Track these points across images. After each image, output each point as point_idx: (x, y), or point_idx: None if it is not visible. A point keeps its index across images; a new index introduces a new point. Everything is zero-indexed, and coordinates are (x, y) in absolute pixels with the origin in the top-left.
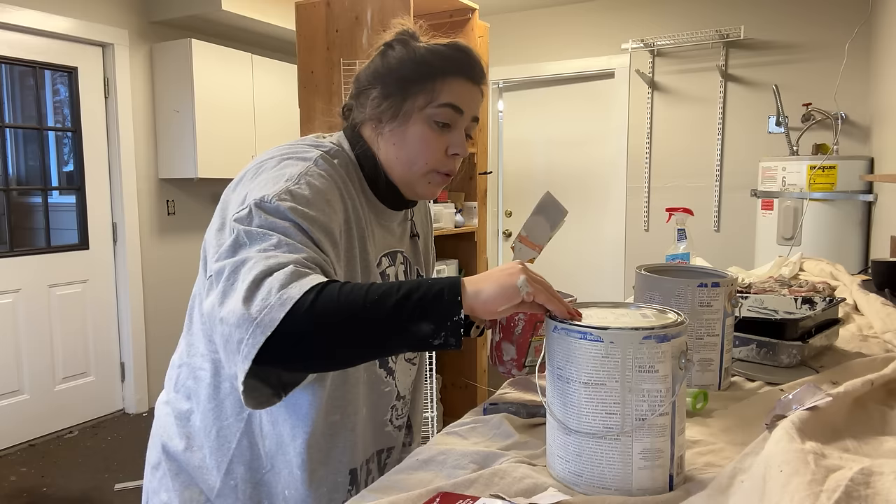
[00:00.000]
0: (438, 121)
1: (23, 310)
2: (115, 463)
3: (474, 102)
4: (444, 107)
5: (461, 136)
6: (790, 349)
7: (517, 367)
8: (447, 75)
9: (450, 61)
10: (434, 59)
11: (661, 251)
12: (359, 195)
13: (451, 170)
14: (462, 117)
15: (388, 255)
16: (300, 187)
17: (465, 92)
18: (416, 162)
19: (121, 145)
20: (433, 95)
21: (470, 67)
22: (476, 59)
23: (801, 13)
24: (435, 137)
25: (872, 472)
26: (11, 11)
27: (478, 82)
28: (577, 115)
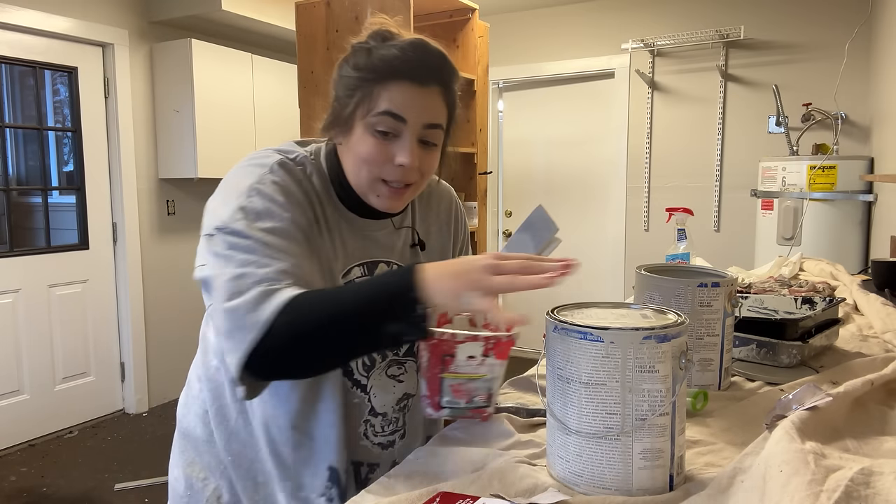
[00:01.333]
0: (379, 129)
1: (23, 310)
2: (115, 463)
3: (423, 108)
4: (382, 115)
5: (407, 144)
6: (790, 349)
7: (432, 407)
8: (388, 80)
9: (391, 65)
10: (377, 63)
11: (661, 251)
12: (325, 203)
13: (399, 180)
14: (406, 125)
15: (365, 265)
16: (251, 201)
17: (408, 97)
18: (360, 172)
19: (121, 145)
20: (372, 103)
21: (415, 69)
22: (426, 59)
23: (801, 13)
24: (377, 146)
25: (872, 472)
26: (11, 11)
27: (427, 84)
28: (577, 115)
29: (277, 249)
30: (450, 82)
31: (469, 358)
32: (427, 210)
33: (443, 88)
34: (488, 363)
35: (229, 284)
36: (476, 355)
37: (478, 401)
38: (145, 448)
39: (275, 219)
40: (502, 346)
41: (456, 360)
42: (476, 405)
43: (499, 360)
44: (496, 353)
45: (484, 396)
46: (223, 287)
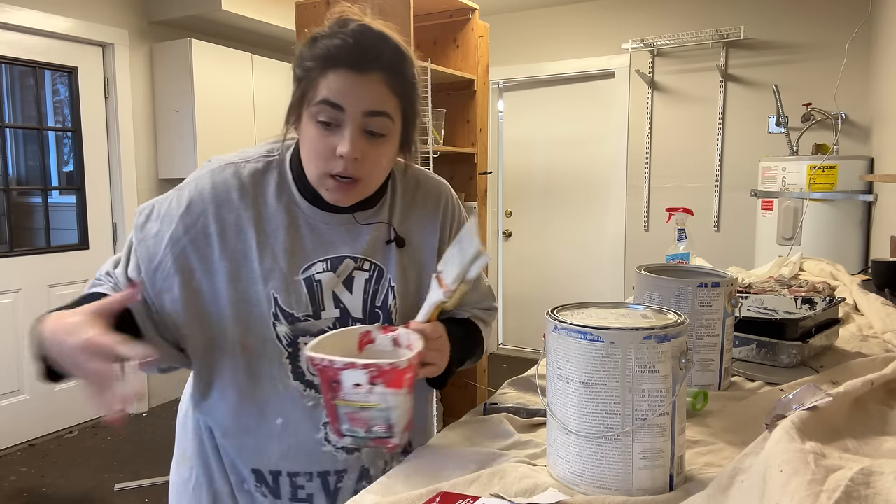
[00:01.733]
0: (320, 119)
1: (23, 310)
2: (115, 463)
3: (361, 95)
4: (321, 104)
5: (348, 134)
6: (790, 349)
7: (335, 433)
8: (326, 69)
9: (329, 52)
10: (318, 52)
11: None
12: (276, 202)
13: (342, 172)
14: (345, 114)
15: (328, 261)
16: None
17: (346, 85)
18: (309, 164)
19: (121, 145)
20: (313, 92)
21: (352, 55)
22: (364, 44)
23: (801, 13)
24: (320, 137)
25: (872, 472)
26: (11, 11)
27: (365, 70)
28: (577, 115)
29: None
30: (396, 67)
31: (356, 385)
32: (411, 205)
33: (386, 74)
34: (378, 392)
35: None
36: (362, 383)
37: (377, 431)
38: (145, 448)
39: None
40: (391, 375)
41: (343, 388)
42: (376, 435)
43: (390, 390)
44: (384, 381)
45: (382, 427)
46: None
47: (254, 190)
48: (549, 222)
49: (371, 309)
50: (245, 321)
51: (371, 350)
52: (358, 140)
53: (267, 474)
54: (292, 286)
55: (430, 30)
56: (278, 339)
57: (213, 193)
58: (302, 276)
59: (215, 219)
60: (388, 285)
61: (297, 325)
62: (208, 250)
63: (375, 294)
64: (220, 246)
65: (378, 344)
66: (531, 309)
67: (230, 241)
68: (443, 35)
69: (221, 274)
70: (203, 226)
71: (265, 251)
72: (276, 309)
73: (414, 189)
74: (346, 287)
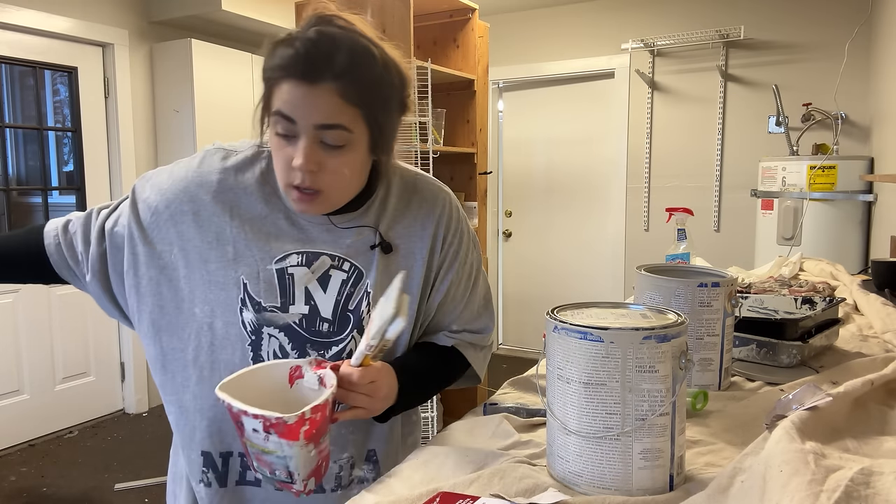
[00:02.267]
0: (277, 131)
1: (23, 310)
2: (115, 463)
3: (311, 107)
4: (275, 115)
5: (301, 146)
6: (790, 349)
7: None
8: (280, 79)
9: (282, 62)
10: (274, 59)
11: (661, 251)
12: (256, 193)
13: (300, 184)
14: (297, 126)
15: (303, 254)
16: (162, 170)
17: (296, 97)
18: (277, 175)
19: (121, 145)
20: (270, 103)
21: (301, 66)
22: (314, 54)
23: (801, 13)
24: (280, 147)
25: (872, 472)
26: (11, 11)
27: (315, 81)
28: (577, 115)
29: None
30: (350, 75)
31: (254, 430)
32: (404, 211)
33: (338, 84)
34: (272, 440)
35: None
36: (258, 430)
37: (279, 475)
38: (145, 448)
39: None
40: (282, 427)
41: (245, 430)
42: (279, 479)
43: (285, 441)
44: (277, 432)
45: (283, 472)
46: None
47: (236, 176)
48: (550, 222)
49: (342, 311)
50: (213, 302)
51: (299, 386)
52: (312, 152)
53: (217, 457)
54: (263, 274)
55: (430, 30)
56: (243, 324)
57: (197, 173)
58: (275, 265)
59: (194, 198)
60: (365, 290)
61: (263, 314)
62: (184, 227)
63: (350, 297)
64: (195, 225)
65: (306, 381)
66: (531, 309)
67: (204, 222)
68: (443, 35)
69: (194, 253)
70: (181, 202)
71: (239, 236)
72: (244, 294)
73: (410, 194)
74: (321, 285)
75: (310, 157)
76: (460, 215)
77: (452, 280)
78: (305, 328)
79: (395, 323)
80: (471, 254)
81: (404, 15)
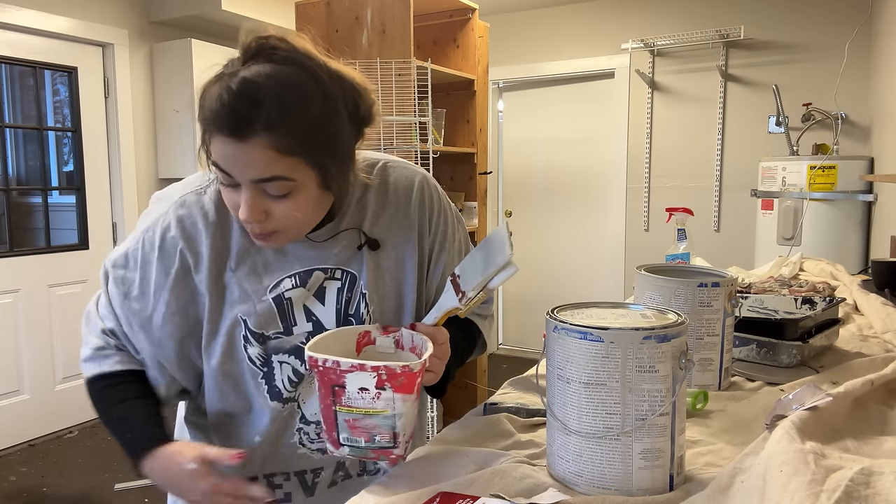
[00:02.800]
0: (221, 182)
1: (23, 310)
2: (115, 463)
3: (244, 163)
4: (215, 166)
5: (244, 198)
6: (790, 349)
7: (331, 443)
8: (210, 132)
9: (208, 114)
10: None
11: (661, 251)
12: (236, 222)
13: (253, 232)
14: (234, 179)
15: (295, 276)
16: (136, 249)
17: (227, 153)
18: None
19: (121, 145)
20: (209, 151)
21: (226, 121)
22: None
23: (801, 13)
24: (226, 193)
25: (872, 472)
26: (11, 11)
27: (244, 137)
28: (577, 115)
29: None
30: (281, 125)
31: (361, 390)
32: (384, 203)
33: (269, 137)
34: (385, 397)
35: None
36: (369, 388)
37: (380, 441)
38: None
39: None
40: (401, 378)
41: (347, 392)
42: (378, 445)
43: (399, 395)
44: (393, 385)
45: (387, 436)
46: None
47: (218, 214)
48: (550, 222)
49: (345, 318)
50: (220, 349)
51: (370, 352)
52: (256, 203)
53: None
54: (260, 307)
55: (430, 30)
56: (251, 360)
57: (180, 228)
58: (270, 295)
59: (190, 253)
60: (360, 291)
61: (267, 343)
62: (193, 284)
63: (348, 302)
64: (197, 279)
65: (379, 346)
66: (531, 309)
67: (204, 271)
68: (443, 35)
69: (204, 306)
70: (181, 262)
71: (233, 277)
72: (245, 332)
73: (385, 185)
74: (318, 299)
75: (254, 209)
76: (440, 194)
77: (446, 261)
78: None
79: (507, 270)
80: (458, 230)
81: (404, 15)
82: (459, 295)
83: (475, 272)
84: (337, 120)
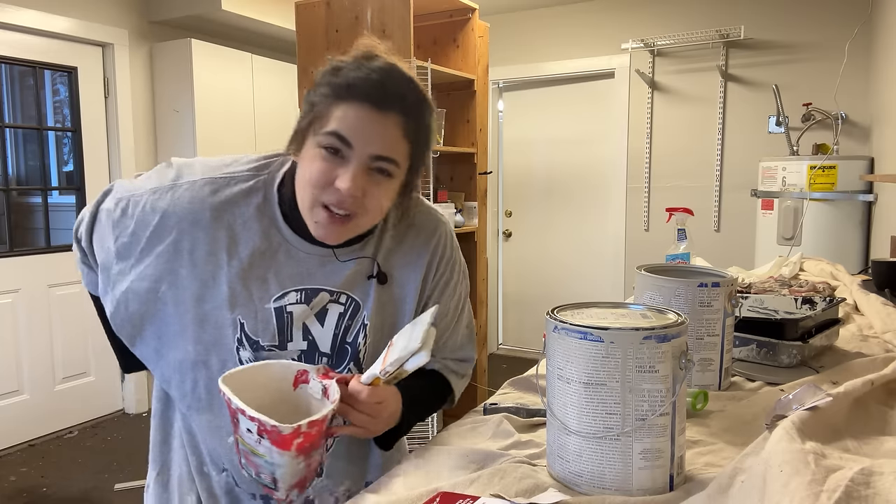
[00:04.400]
0: (326, 146)
1: (23, 310)
2: (115, 463)
3: (374, 134)
4: (329, 135)
5: (351, 170)
6: (790, 349)
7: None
8: (343, 99)
9: (351, 84)
10: (339, 81)
11: (661, 251)
12: (255, 225)
13: (334, 203)
14: (353, 151)
15: (302, 291)
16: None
17: (360, 120)
18: (304, 193)
19: (121, 145)
20: (324, 121)
21: (373, 91)
22: (389, 83)
23: (801, 13)
24: (321, 167)
25: (872, 472)
26: (11, 11)
27: (384, 109)
28: (577, 115)
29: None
30: (415, 113)
31: (248, 430)
32: (400, 241)
33: (404, 118)
34: (265, 445)
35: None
36: (252, 431)
37: (264, 479)
38: (145, 448)
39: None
40: (275, 435)
41: (240, 427)
42: (263, 482)
43: (276, 448)
44: (270, 439)
45: (268, 478)
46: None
47: (231, 211)
48: (550, 222)
49: (341, 344)
50: (206, 342)
51: (302, 391)
52: (360, 177)
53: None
54: (261, 314)
55: (430, 30)
56: (240, 362)
57: (188, 209)
58: (273, 304)
59: (187, 235)
60: (362, 322)
61: (260, 353)
62: (177, 264)
63: (347, 329)
64: (189, 264)
65: (310, 387)
66: (531, 309)
67: (199, 260)
68: (443, 35)
69: (188, 291)
70: (174, 241)
71: (235, 275)
72: (241, 334)
73: (407, 224)
74: (318, 319)
75: (357, 182)
76: (454, 245)
77: (440, 309)
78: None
79: (418, 356)
80: (460, 285)
81: (404, 15)
82: (382, 367)
83: (397, 348)
84: (432, 134)
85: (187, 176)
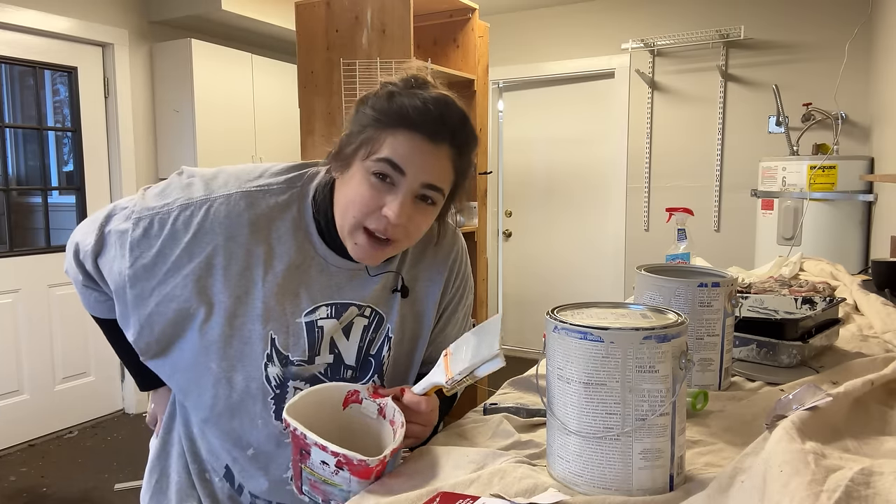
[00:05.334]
0: (377, 172)
1: (23, 310)
2: (115, 463)
3: (426, 164)
4: (381, 161)
5: (400, 198)
6: (790, 349)
7: (296, 487)
8: (398, 127)
9: (406, 112)
10: (393, 108)
11: (661, 251)
12: (290, 238)
13: (380, 229)
14: (405, 178)
15: (332, 306)
16: (164, 218)
17: (414, 150)
18: (346, 214)
19: (121, 145)
20: (375, 146)
21: (429, 122)
22: (444, 116)
23: (801, 13)
24: (369, 192)
25: (872, 472)
26: (11, 11)
27: (437, 141)
28: (577, 115)
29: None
30: (464, 147)
31: (323, 462)
32: (421, 255)
33: (454, 151)
34: (342, 476)
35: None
36: (329, 463)
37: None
38: (145, 448)
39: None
40: (358, 467)
41: (311, 459)
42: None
43: (355, 478)
44: (352, 471)
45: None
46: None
47: (268, 225)
48: (550, 222)
49: (365, 357)
50: (233, 357)
51: (354, 410)
52: (408, 205)
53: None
54: (293, 328)
55: (430, 30)
56: (267, 379)
57: (225, 224)
58: (304, 318)
59: (223, 251)
60: (386, 335)
61: (289, 368)
62: (210, 280)
63: (371, 342)
64: (223, 279)
65: (364, 407)
66: (531, 309)
67: (233, 276)
68: (443, 35)
69: (220, 307)
70: (209, 256)
71: (269, 290)
72: (271, 350)
73: (427, 239)
74: (344, 333)
75: (405, 211)
76: (467, 260)
77: (449, 331)
78: (330, 376)
79: (493, 362)
80: (468, 298)
81: (404, 15)
82: (448, 378)
83: (464, 357)
84: (473, 166)
85: (219, 189)
